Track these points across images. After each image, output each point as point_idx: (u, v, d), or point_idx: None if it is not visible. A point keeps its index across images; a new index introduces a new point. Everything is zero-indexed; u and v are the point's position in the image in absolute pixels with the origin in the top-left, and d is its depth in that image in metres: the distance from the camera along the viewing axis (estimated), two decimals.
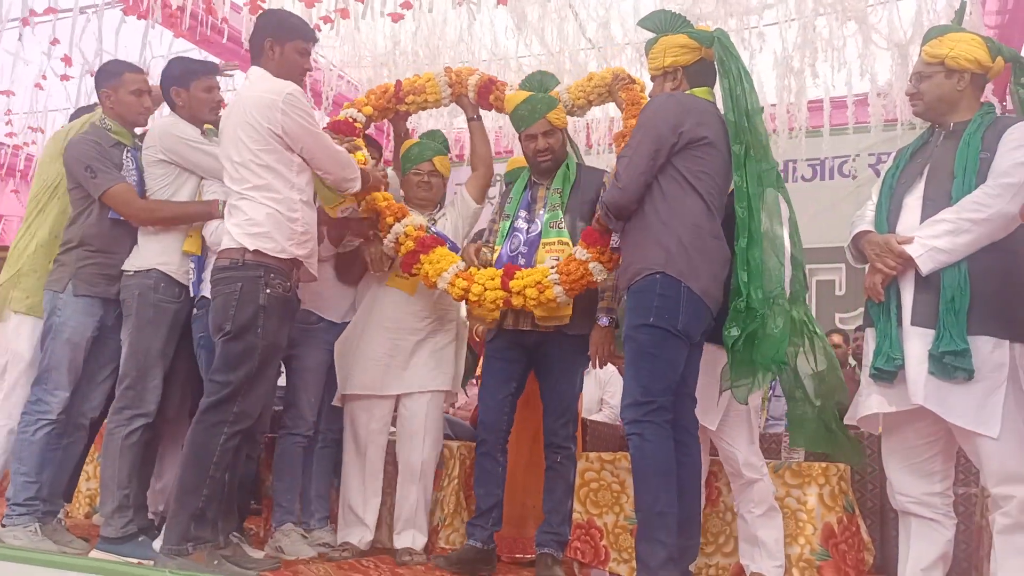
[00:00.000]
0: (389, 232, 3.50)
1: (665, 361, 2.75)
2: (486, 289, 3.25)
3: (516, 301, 3.20)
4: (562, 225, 3.34)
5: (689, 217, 2.80)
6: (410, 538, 3.52)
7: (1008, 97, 2.89)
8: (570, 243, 3.30)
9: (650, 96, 3.19)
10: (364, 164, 3.53)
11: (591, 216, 3.30)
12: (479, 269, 3.36)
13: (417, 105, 3.93)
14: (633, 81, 3.59)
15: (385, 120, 4.05)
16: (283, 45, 3.17)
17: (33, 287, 3.54)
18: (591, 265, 3.19)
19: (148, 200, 3.39)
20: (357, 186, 3.22)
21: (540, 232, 3.36)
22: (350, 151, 3.51)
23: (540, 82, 3.60)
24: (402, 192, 3.81)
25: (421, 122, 5.63)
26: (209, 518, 2.98)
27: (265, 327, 2.97)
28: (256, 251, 2.97)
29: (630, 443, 2.77)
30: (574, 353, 3.35)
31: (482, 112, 3.91)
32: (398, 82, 3.95)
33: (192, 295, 3.37)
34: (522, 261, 3.33)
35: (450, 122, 4.09)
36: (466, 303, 3.41)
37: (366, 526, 3.56)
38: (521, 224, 3.41)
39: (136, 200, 3.37)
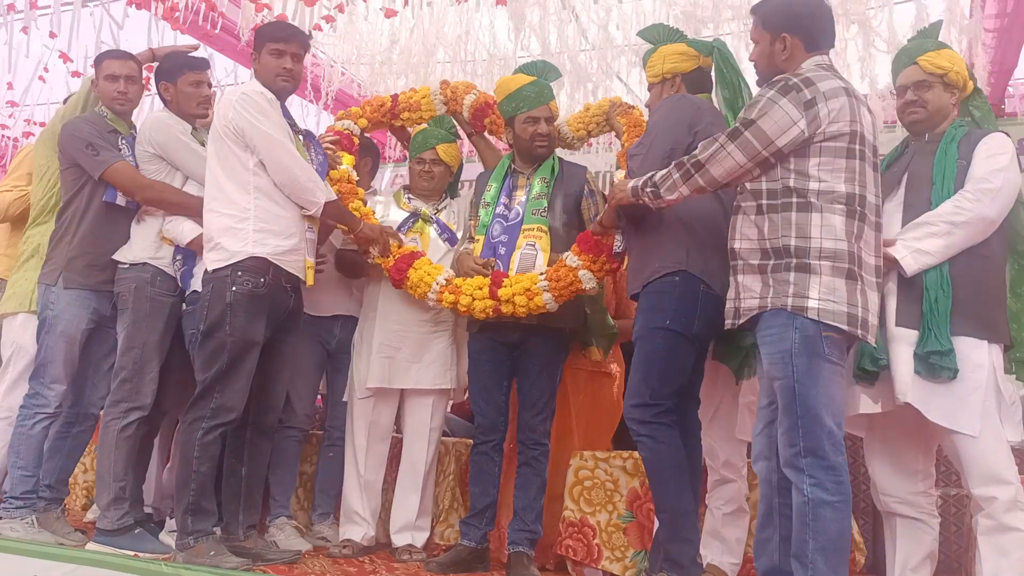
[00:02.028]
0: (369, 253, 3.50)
1: (676, 365, 2.78)
2: (474, 299, 3.24)
3: (506, 309, 3.20)
4: (544, 213, 3.34)
5: (707, 216, 2.83)
6: (410, 536, 3.53)
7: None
8: (548, 231, 3.32)
9: (647, 106, 3.22)
10: (348, 178, 3.53)
11: (574, 210, 3.36)
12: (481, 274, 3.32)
13: (412, 121, 3.91)
14: (631, 107, 3.59)
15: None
16: (260, 52, 3.22)
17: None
18: (581, 273, 3.20)
19: (154, 180, 3.38)
20: (313, 209, 3.14)
21: (522, 219, 3.37)
22: (334, 162, 3.51)
23: (543, 71, 3.59)
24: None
25: None
26: (207, 511, 3.04)
27: (233, 324, 3.01)
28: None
29: (641, 445, 2.80)
30: (554, 349, 3.37)
31: None
32: (394, 97, 3.92)
33: (183, 289, 3.38)
34: (503, 250, 3.35)
35: None
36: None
37: (368, 523, 3.57)
38: (502, 211, 3.41)
39: (140, 177, 3.37)
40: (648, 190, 2.62)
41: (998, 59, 4.88)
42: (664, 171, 2.57)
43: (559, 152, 3.65)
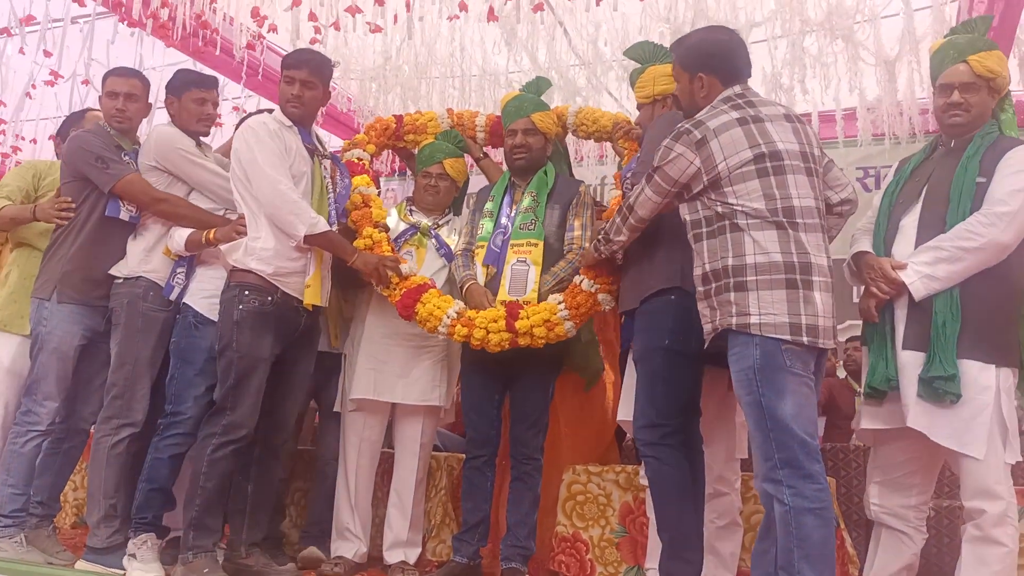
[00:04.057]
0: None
1: (679, 383, 2.78)
2: (489, 332, 3.14)
3: (523, 341, 3.13)
4: (532, 227, 3.34)
5: None
6: (402, 553, 3.50)
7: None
8: (539, 244, 3.30)
9: (638, 123, 3.23)
10: (364, 201, 3.48)
11: (562, 223, 3.36)
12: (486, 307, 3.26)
13: (416, 144, 3.86)
14: (632, 128, 3.55)
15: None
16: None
17: (3, 302, 3.59)
18: (600, 297, 3.16)
19: (168, 193, 3.39)
20: (295, 241, 3.11)
21: (510, 234, 3.35)
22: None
23: (536, 85, 3.64)
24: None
25: None
26: (210, 527, 3.06)
27: (239, 342, 3.05)
28: (233, 270, 3.13)
29: (647, 466, 2.80)
30: (547, 363, 3.36)
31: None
32: (399, 118, 3.90)
33: (176, 300, 3.36)
34: (496, 263, 3.34)
35: None
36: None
37: (360, 539, 3.54)
38: (504, 221, 3.41)
39: (153, 190, 3.37)
40: (600, 238, 2.92)
41: None
42: (611, 219, 2.85)
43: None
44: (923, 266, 2.58)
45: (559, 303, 3.18)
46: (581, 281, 3.20)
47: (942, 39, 2.86)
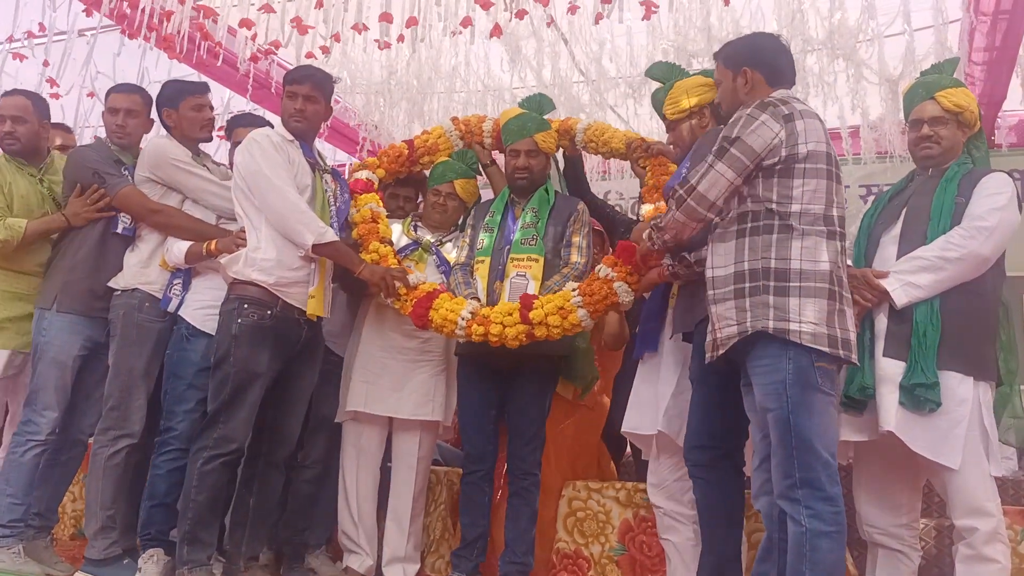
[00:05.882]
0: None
1: (733, 406, 2.71)
2: (505, 327, 3.12)
3: (540, 332, 3.10)
4: (533, 242, 3.34)
5: None
6: (401, 569, 3.49)
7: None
8: (539, 259, 3.29)
9: (671, 143, 3.19)
10: (372, 218, 3.48)
11: (560, 240, 3.35)
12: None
13: (432, 163, 3.81)
14: (649, 148, 3.49)
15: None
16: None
17: None
18: (616, 285, 3.13)
19: (164, 204, 3.40)
20: (302, 250, 3.12)
21: (509, 249, 3.35)
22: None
23: (538, 103, 3.62)
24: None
25: None
26: (203, 541, 3.04)
27: (236, 356, 3.06)
28: (232, 283, 3.14)
29: (696, 486, 2.79)
30: (544, 377, 3.35)
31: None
32: (410, 143, 3.84)
33: (173, 313, 3.36)
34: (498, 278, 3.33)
35: None
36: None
37: (364, 552, 3.52)
38: (505, 235, 3.40)
39: (149, 201, 3.39)
40: (652, 225, 2.68)
41: (987, 92, 4.94)
42: (665, 211, 2.66)
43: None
44: (905, 274, 2.64)
45: (573, 290, 3.16)
46: (599, 269, 3.19)
47: (912, 80, 3.01)
